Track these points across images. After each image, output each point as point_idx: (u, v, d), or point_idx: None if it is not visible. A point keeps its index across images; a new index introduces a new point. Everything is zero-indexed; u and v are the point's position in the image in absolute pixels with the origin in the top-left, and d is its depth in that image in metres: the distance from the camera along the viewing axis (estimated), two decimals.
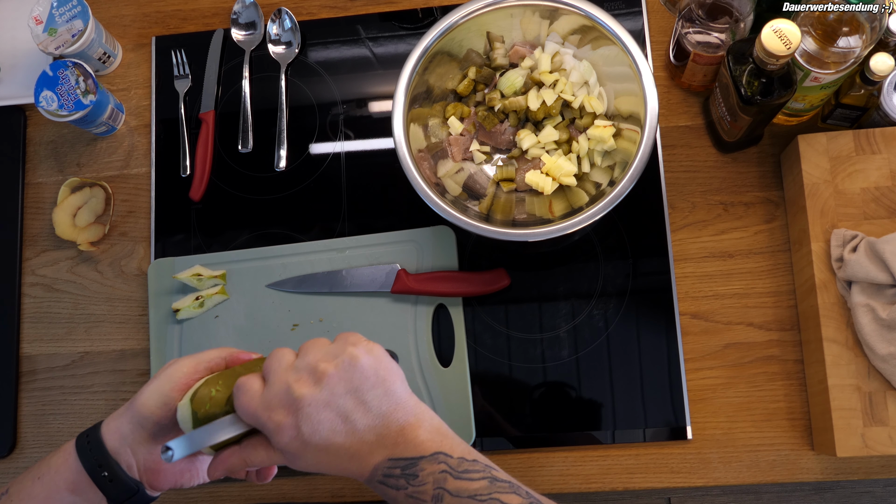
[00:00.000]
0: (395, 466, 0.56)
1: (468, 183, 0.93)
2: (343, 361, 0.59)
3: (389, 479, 0.56)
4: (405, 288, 0.92)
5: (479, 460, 0.58)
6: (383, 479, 0.57)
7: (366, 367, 0.59)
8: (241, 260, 0.96)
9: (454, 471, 0.56)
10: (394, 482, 0.56)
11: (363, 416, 0.58)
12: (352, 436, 0.57)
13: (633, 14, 1.00)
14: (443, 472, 0.56)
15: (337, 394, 0.57)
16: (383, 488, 0.57)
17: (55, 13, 0.98)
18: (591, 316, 0.93)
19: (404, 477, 0.56)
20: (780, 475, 0.87)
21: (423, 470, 0.56)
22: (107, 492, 0.62)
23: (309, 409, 0.57)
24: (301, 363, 0.59)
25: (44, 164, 1.05)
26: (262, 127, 1.02)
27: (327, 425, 0.57)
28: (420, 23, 1.03)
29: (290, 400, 0.57)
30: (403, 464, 0.56)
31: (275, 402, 0.57)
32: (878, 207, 0.84)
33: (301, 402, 0.57)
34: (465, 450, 0.58)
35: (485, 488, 0.55)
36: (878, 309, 0.79)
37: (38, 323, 1.00)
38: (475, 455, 0.58)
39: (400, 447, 0.57)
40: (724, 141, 0.92)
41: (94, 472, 0.61)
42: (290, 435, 0.57)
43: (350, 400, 0.58)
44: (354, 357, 0.59)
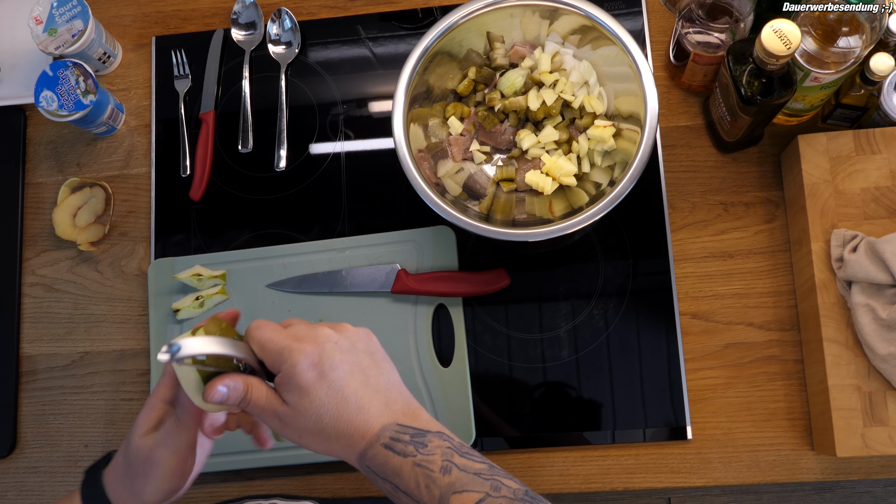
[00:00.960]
0: (404, 432, 0.56)
1: (468, 183, 0.93)
2: (361, 329, 0.61)
3: (397, 443, 0.55)
4: (405, 288, 0.92)
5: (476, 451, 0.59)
6: (390, 443, 0.55)
7: (377, 343, 0.62)
8: (241, 260, 0.96)
9: (458, 450, 0.56)
10: (401, 447, 0.55)
11: (376, 376, 0.59)
12: (366, 387, 0.57)
13: (633, 14, 1.00)
14: (449, 447, 0.56)
15: (357, 347, 0.59)
16: (387, 455, 0.55)
17: (55, 13, 0.98)
18: (591, 316, 0.93)
19: (413, 444, 0.55)
20: (780, 475, 0.87)
21: (431, 442, 0.56)
22: None
23: (333, 345, 0.58)
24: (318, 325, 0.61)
25: (44, 164, 1.05)
26: (262, 127, 1.02)
27: (347, 367, 0.57)
28: (420, 23, 1.03)
29: (315, 335, 0.58)
30: (412, 432, 0.56)
31: (301, 334, 0.58)
32: (878, 207, 0.84)
33: (327, 336, 0.58)
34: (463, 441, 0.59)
35: (486, 470, 0.55)
36: (878, 309, 0.79)
37: (38, 323, 1.00)
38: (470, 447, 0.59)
39: (408, 418, 0.57)
40: (724, 141, 0.92)
41: None
42: (311, 360, 0.56)
43: (366, 358, 0.59)
44: (369, 332, 0.62)
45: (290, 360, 0.57)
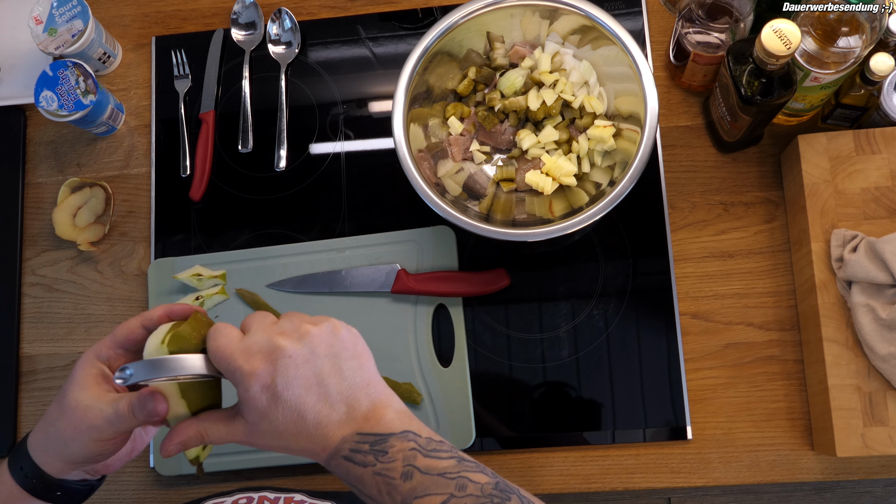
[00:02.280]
0: (363, 441, 0.55)
1: (468, 183, 0.93)
2: (325, 327, 0.58)
3: (357, 454, 0.54)
4: (405, 288, 0.92)
5: (445, 442, 0.57)
6: (349, 455, 0.54)
7: (345, 338, 0.59)
8: (241, 260, 0.96)
9: (423, 449, 0.54)
10: (361, 458, 0.54)
11: (337, 382, 0.56)
12: (323, 400, 0.56)
13: (633, 14, 1.00)
14: (412, 449, 0.54)
15: (317, 354, 0.56)
16: (348, 465, 0.54)
17: (55, 13, 0.98)
18: (591, 316, 0.93)
19: (373, 453, 0.54)
20: (780, 475, 0.87)
21: (393, 447, 0.54)
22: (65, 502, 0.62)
23: (288, 360, 0.55)
24: (283, 322, 0.58)
25: (44, 164, 1.05)
26: (262, 127, 1.02)
27: (302, 382, 0.55)
28: (420, 23, 1.03)
29: (270, 348, 0.55)
30: (373, 439, 0.55)
31: (254, 349, 0.56)
32: (878, 207, 0.84)
33: (282, 351, 0.55)
34: (431, 432, 0.57)
35: (453, 466, 0.54)
36: (878, 309, 0.79)
37: (38, 323, 1.00)
38: (441, 438, 0.57)
39: (370, 423, 0.56)
40: (724, 141, 0.92)
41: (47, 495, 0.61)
42: (263, 383, 0.55)
43: (328, 363, 0.57)
44: (336, 326, 0.59)
45: (242, 384, 0.55)
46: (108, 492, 0.94)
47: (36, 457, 0.61)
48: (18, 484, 0.61)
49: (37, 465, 0.61)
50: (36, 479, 0.61)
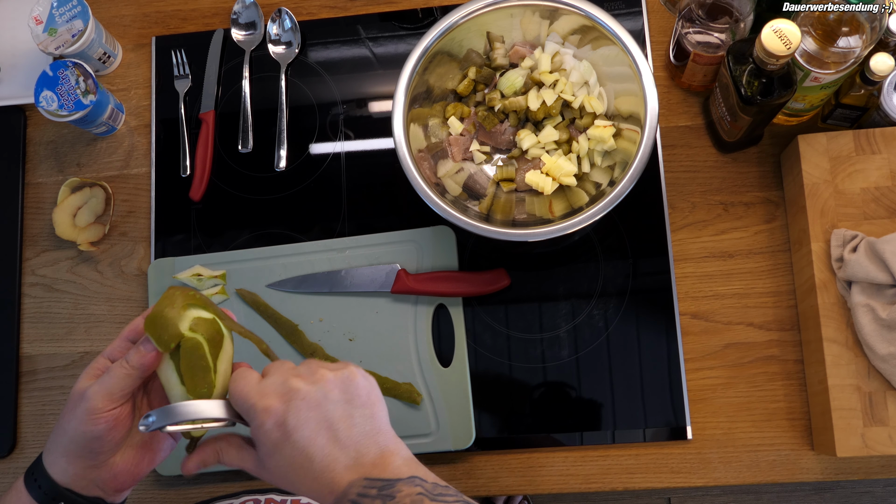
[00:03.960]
0: (371, 486, 0.55)
1: (468, 183, 0.93)
2: (342, 374, 0.60)
3: (364, 498, 0.54)
4: (405, 288, 0.92)
5: (450, 487, 0.58)
6: (356, 499, 0.55)
7: (360, 385, 0.61)
8: (241, 260, 0.96)
9: (430, 493, 0.55)
10: (368, 502, 0.54)
11: (347, 428, 0.58)
12: (333, 443, 0.57)
13: (633, 14, 1.00)
14: (419, 493, 0.55)
15: (330, 398, 0.58)
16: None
17: (55, 13, 0.98)
18: (591, 316, 0.93)
19: (381, 497, 0.54)
20: (780, 475, 0.87)
21: (400, 491, 0.54)
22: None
23: (301, 402, 0.57)
24: (302, 367, 0.61)
25: (44, 164, 1.05)
26: (262, 127, 1.02)
27: (313, 425, 0.57)
28: (420, 23, 1.03)
29: (284, 389, 0.58)
30: (380, 484, 0.55)
31: (269, 390, 0.58)
32: (878, 207, 0.84)
33: (296, 393, 0.58)
34: (437, 478, 0.58)
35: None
36: (878, 309, 0.79)
37: (38, 323, 1.00)
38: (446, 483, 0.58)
39: (378, 469, 0.57)
40: (724, 141, 0.92)
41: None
42: (275, 420, 0.57)
43: (340, 409, 0.59)
44: (353, 374, 0.61)
45: (256, 420, 0.58)
46: None
47: (47, 464, 0.62)
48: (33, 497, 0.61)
49: (48, 473, 0.61)
50: (47, 489, 0.61)
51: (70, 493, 0.61)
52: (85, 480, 0.62)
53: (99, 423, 0.60)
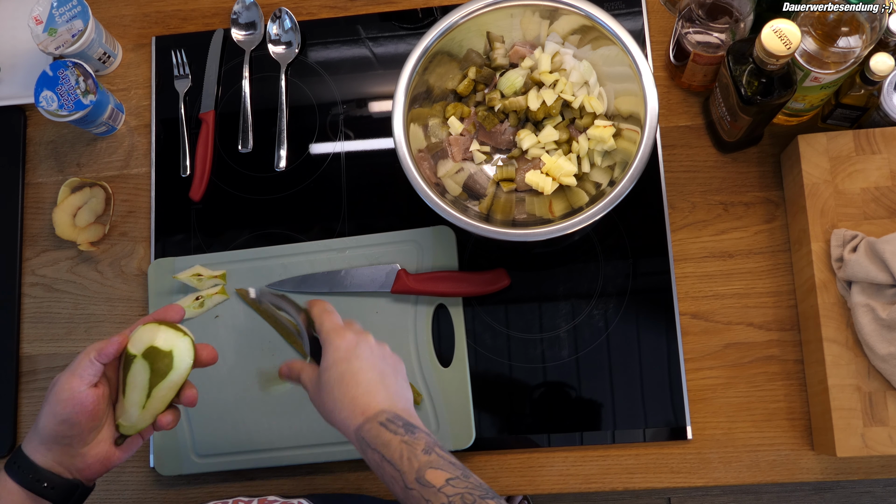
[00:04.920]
0: (398, 419, 0.66)
1: (468, 183, 0.93)
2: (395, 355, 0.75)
3: (391, 424, 0.66)
4: (405, 288, 0.92)
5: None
6: (385, 423, 0.66)
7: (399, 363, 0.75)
8: (241, 260, 0.96)
9: (439, 446, 0.66)
10: (394, 427, 0.65)
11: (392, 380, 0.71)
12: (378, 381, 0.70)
13: (633, 14, 1.00)
14: (434, 442, 0.66)
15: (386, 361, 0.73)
16: (380, 430, 0.65)
17: (55, 13, 0.98)
18: (591, 316, 0.93)
19: (404, 428, 0.66)
20: (780, 475, 0.87)
21: (420, 432, 0.66)
22: (51, 498, 0.67)
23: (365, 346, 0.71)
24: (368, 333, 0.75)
25: (44, 164, 1.05)
26: (262, 127, 1.02)
27: (369, 364, 0.70)
28: (420, 23, 1.03)
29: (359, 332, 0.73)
30: (405, 422, 0.67)
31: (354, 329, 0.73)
32: (878, 207, 0.84)
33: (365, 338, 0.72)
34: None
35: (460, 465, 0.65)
36: (878, 309, 0.79)
37: (38, 323, 1.00)
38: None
39: (406, 414, 0.68)
40: (724, 141, 0.92)
41: (34, 487, 0.66)
42: (347, 345, 0.70)
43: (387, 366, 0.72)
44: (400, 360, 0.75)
45: (332, 338, 0.71)
46: (108, 492, 0.94)
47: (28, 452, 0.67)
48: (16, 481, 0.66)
49: (29, 458, 0.67)
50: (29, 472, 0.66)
51: (52, 475, 0.67)
52: (62, 467, 0.67)
53: (67, 406, 0.65)
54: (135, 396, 0.68)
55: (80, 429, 0.66)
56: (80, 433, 0.66)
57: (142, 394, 0.68)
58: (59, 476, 0.67)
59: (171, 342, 0.68)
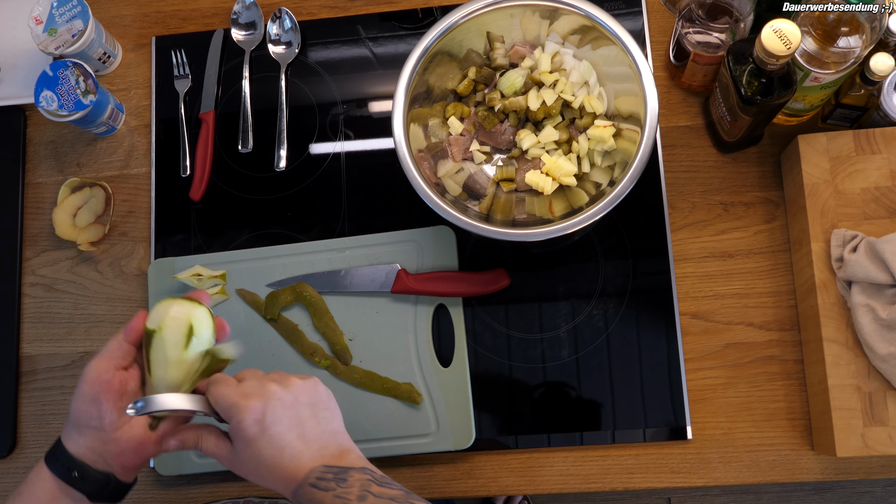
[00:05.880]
0: (328, 472, 0.64)
1: (468, 183, 0.93)
2: (309, 382, 0.70)
3: (321, 481, 0.64)
4: (405, 288, 0.92)
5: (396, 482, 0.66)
6: (315, 482, 0.64)
7: (322, 392, 0.70)
8: (241, 260, 0.96)
9: (377, 480, 0.65)
10: (324, 485, 0.63)
11: (314, 427, 0.67)
12: (301, 439, 0.66)
13: (633, 14, 1.00)
14: (368, 479, 0.64)
15: (299, 401, 0.67)
16: (312, 491, 0.63)
17: (55, 13, 0.98)
18: (591, 316, 0.93)
19: (335, 480, 0.64)
20: (780, 475, 0.87)
21: (352, 476, 0.64)
22: (82, 489, 0.67)
23: (276, 402, 0.66)
24: (273, 374, 0.69)
25: (44, 164, 1.05)
26: (262, 127, 1.02)
27: (286, 423, 0.66)
28: (420, 23, 1.03)
29: (263, 391, 0.67)
30: (336, 470, 0.65)
31: (249, 391, 0.67)
32: (878, 207, 0.84)
33: (272, 394, 0.66)
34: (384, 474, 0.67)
35: (402, 496, 0.64)
36: (878, 309, 0.79)
37: (38, 323, 1.00)
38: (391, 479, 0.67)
39: (336, 459, 0.66)
40: (724, 141, 0.92)
41: (66, 476, 0.67)
42: (255, 417, 0.65)
43: (307, 410, 0.68)
44: (317, 382, 0.70)
45: (237, 416, 0.65)
46: None
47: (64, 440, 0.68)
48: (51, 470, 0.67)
49: (64, 447, 0.67)
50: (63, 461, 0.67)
51: (83, 465, 0.67)
52: (95, 454, 0.67)
53: (94, 385, 0.66)
54: (160, 372, 0.67)
55: (107, 408, 0.66)
56: (108, 414, 0.66)
57: (167, 368, 0.67)
58: (89, 466, 0.67)
59: (186, 311, 0.67)
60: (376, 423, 0.90)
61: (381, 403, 0.91)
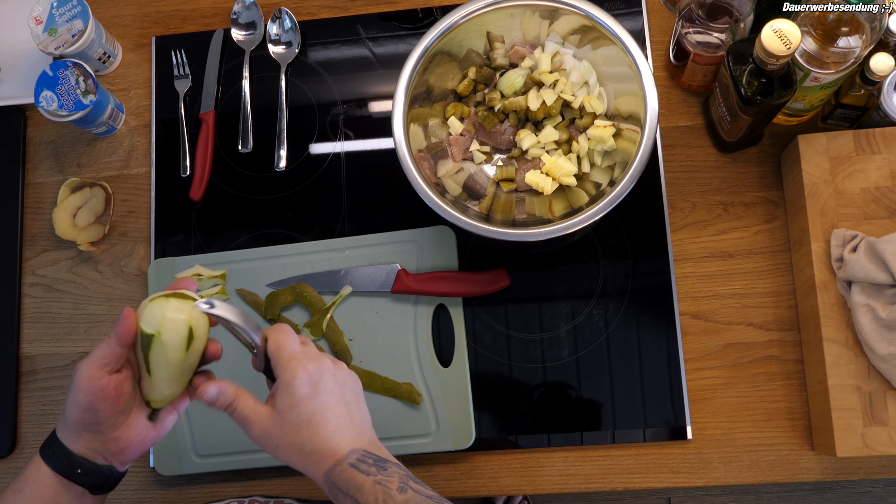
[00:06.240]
0: (369, 457, 0.64)
1: (468, 183, 0.93)
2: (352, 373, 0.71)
3: (362, 464, 0.63)
4: (405, 288, 0.92)
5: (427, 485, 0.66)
6: (356, 463, 0.63)
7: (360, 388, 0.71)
8: (241, 260, 0.96)
9: (413, 479, 0.64)
10: (365, 468, 0.63)
11: (357, 410, 0.68)
12: (345, 416, 0.66)
13: (633, 14, 1.00)
14: (406, 475, 0.64)
15: (348, 385, 0.68)
16: (352, 472, 0.62)
17: (55, 13, 0.98)
18: (591, 316, 0.93)
19: (376, 465, 0.63)
20: (780, 475, 0.87)
21: (391, 468, 0.64)
22: (85, 484, 0.67)
23: (330, 375, 0.67)
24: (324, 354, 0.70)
25: (44, 164, 1.05)
26: (262, 127, 1.02)
27: (335, 396, 0.66)
28: (420, 23, 1.03)
29: (319, 360, 0.67)
30: (376, 458, 0.64)
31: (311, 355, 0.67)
32: (878, 207, 0.84)
33: (327, 367, 0.67)
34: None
35: (437, 498, 0.63)
36: (878, 309, 0.79)
37: (38, 323, 1.00)
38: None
39: (373, 448, 0.66)
40: (724, 141, 0.92)
41: (68, 473, 0.66)
42: (310, 379, 0.65)
43: (352, 396, 0.68)
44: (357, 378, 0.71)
45: (293, 371, 0.65)
46: None
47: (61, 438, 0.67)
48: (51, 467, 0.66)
49: (63, 444, 0.66)
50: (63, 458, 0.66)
51: (86, 462, 0.66)
52: (95, 452, 0.67)
53: (88, 394, 0.64)
54: (162, 373, 0.66)
55: (105, 415, 0.65)
56: (106, 419, 0.65)
57: (169, 369, 0.66)
58: (92, 462, 0.66)
59: (183, 311, 0.66)
60: (376, 423, 0.89)
61: (381, 403, 0.91)
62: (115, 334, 0.65)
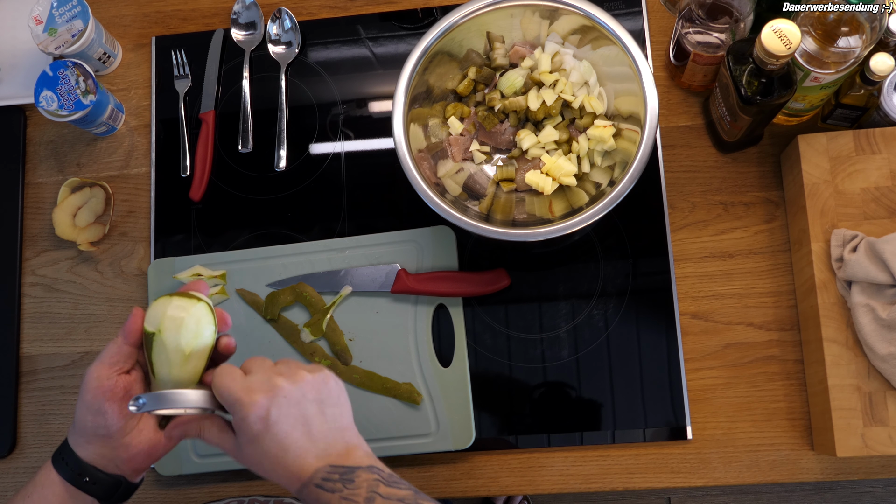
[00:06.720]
0: (334, 472, 0.62)
1: (468, 183, 0.93)
2: (318, 376, 0.66)
3: (327, 482, 0.62)
4: (405, 288, 0.92)
5: (405, 481, 0.64)
6: (321, 483, 0.62)
7: (332, 387, 0.67)
8: (241, 260, 0.96)
9: (385, 480, 0.62)
10: (330, 486, 0.61)
11: (320, 424, 0.65)
12: (306, 438, 0.63)
13: (633, 14, 1.00)
14: (376, 479, 0.62)
15: (306, 397, 0.64)
16: (318, 492, 0.61)
17: (55, 13, 0.98)
18: (591, 316, 0.93)
19: (342, 481, 0.62)
20: (780, 475, 0.87)
21: (359, 476, 0.62)
22: (93, 493, 0.66)
23: (283, 399, 0.63)
24: (281, 366, 0.66)
25: (44, 164, 1.05)
26: (262, 127, 1.02)
27: (291, 420, 0.63)
28: (420, 23, 1.03)
29: (269, 386, 0.64)
30: (342, 470, 0.62)
31: (256, 386, 0.64)
32: (878, 207, 0.84)
33: (279, 389, 0.63)
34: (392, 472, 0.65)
35: (411, 496, 0.62)
36: (878, 309, 0.79)
37: (38, 323, 1.00)
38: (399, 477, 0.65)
39: (342, 459, 0.64)
40: (724, 141, 0.92)
41: (77, 482, 0.66)
42: (259, 414, 0.62)
43: (314, 407, 0.65)
44: (327, 376, 0.67)
45: (241, 412, 0.63)
46: None
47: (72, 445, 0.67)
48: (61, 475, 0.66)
49: (74, 452, 0.66)
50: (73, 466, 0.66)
51: (94, 470, 0.66)
52: (105, 459, 0.66)
53: (97, 395, 0.64)
54: (164, 372, 0.65)
55: (113, 418, 0.64)
56: (115, 423, 0.65)
57: (170, 368, 0.65)
58: (101, 471, 0.66)
59: (185, 309, 0.65)
60: (376, 423, 0.90)
61: (381, 403, 0.91)
62: (122, 332, 0.66)
